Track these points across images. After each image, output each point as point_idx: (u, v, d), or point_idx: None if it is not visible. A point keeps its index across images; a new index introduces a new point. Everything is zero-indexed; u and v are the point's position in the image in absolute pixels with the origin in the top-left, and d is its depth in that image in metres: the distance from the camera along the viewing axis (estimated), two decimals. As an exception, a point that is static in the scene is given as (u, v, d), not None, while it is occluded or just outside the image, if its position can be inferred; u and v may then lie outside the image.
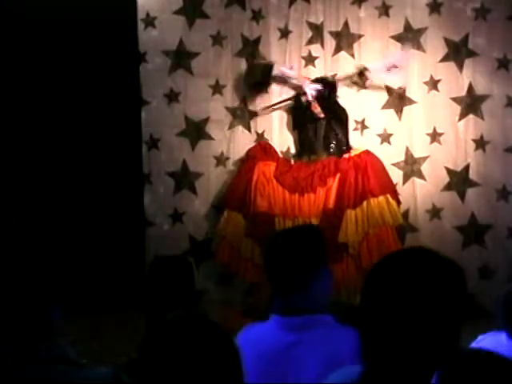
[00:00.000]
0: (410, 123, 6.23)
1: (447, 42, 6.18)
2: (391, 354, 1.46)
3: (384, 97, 6.25)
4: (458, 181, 6.18)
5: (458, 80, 6.19)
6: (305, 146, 6.11)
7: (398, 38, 6.23)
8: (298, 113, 6.18)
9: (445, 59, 6.19)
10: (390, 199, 5.77)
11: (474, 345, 2.88)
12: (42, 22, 6.39)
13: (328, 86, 6.07)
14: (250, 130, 6.40)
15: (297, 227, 3.11)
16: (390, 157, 6.19)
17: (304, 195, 5.84)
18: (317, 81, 6.12)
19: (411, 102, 6.22)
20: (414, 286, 1.46)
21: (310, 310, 2.19)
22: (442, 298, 1.47)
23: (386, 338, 1.46)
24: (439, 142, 6.20)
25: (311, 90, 6.01)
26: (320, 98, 6.01)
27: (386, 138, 6.25)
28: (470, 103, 6.17)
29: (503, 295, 3.00)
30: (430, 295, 1.46)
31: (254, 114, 6.39)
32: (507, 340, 2.85)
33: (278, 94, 6.35)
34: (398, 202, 5.91)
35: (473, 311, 5.63)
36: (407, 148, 6.23)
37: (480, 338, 2.96)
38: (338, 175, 5.81)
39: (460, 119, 6.19)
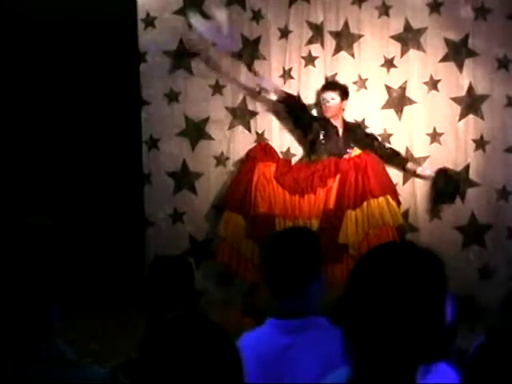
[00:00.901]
0: (409, 123, 6.22)
1: (447, 42, 6.18)
2: (378, 350, 1.47)
3: (384, 97, 6.25)
4: (458, 181, 6.18)
5: (457, 80, 6.19)
6: (314, 146, 6.07)
7: (398, 38, 6.23)
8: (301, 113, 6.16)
9: (445, 59, 6.19)
10: (391, 200, 5.76)
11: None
12: (42, 22, 6.40)
13: (340, 91, 6.05)
14: (250, 130, 6.40)
15: (292, 230, 3.09)
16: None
17: (304, 196, 5.83)
18: (329, 85, 6.08)
19: (411, 102, 6.22)
20: (395, 278, 1.48)
21: (305, 313, 2.20)
22: (423, 289, 1.48)
23: (372, 335, 1.47)
24: (439, 142, 6.20)
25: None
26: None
27: (385, 137, 6.24)
28: (470, 103, 6.16)
29: (504, 294, 3.00)
30: (411, 287, 1.47)
31: (254, 114, 6.39)
32: None
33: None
34: (399, 203, 5.90)
35: (472, 311, 5.62)
36: (407, 148, 6.22)
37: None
38: (338, 176, 5.80)
39: (460, 119, 6.19)
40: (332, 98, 5.98)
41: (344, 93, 6.04)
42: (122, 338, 5.34)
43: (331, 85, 6.08)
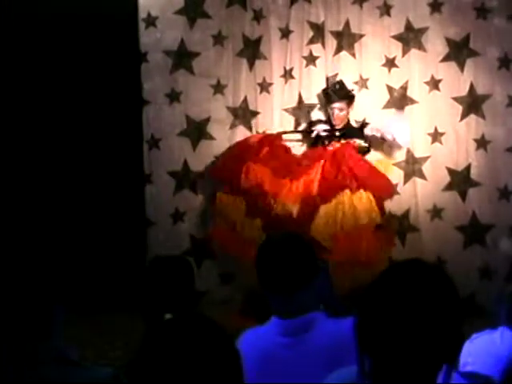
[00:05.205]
0: (411, 123, 6.21)
1: (448, 41, 6.18)
2: (396, 365, 1.50)
3: (385, 96, 6.24)
4: (459, 181, 6.17)
5: (459, 80, 6.18)
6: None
7: (400, 38, 6.23)
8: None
9: (446, 59, 6.19)
10: (370, 196, 5.65)
11: (468, 343, 2.90)
12: (43, 22, 6.39)
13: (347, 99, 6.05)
14: (251, 129, 6.41)
15: (284, 234, 3.10)
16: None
17: (287, 181, 5.77)
18: (336, 95, 6.03)
19: (412, 101, 6.22)
20: (411, 297, 1.53)
21: (307, 310, 2.21)
22: (438, 305, 1.53)
23: (389, 348, 1.49)
24: (440, 142, 6.20)
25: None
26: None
27: (386, 138, 6.24)
28: (472, 103, 6.16)
29: (508, 292, 3.01)
30: (426, 304, 1.52)
31: (255, 114, 6.40)
32: (501, 339, 2.87)
33: (280, 92, 6.36)
34: (381, 199, 5.79)
35: (473, 311, 5.58)
36: (408, 148, 6.22)
37: (474, 336, 2.98)
38: (320, 165, 5.73)
39: (461, 119, 6.18)
40: (340, 108, 6.00)
41: (350, 99, 6.05)
42: (122, 338, 5.34)
43: (338, 95, 6.03)
